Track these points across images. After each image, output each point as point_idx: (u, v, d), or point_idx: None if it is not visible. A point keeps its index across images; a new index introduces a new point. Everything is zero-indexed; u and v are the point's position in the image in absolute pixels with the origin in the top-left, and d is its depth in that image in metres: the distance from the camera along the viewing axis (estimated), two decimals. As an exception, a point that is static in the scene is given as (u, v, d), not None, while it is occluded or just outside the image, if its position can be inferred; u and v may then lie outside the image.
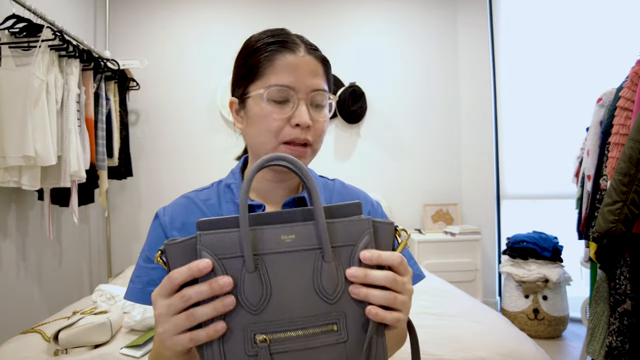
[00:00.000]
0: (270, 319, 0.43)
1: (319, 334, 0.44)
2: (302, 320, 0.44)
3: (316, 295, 0.44)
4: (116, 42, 3.13)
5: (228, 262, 0.43)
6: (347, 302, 0.45)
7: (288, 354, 0.43)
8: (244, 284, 0.43)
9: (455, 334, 1.40)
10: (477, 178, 3.35)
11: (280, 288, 0.44)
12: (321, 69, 0.68)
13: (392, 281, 0.45)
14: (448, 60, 3.43)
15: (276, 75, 0.64)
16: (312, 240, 0.45)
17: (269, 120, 0.64)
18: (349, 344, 0.45)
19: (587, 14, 2.80)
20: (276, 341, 0.43)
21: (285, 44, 0.65)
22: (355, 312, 0.45)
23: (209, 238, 0.43)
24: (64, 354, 1.33)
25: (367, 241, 0.46)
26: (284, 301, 0.44)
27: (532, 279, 2.62)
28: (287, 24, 2.94)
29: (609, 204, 1.46)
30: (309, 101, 0.65)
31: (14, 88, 1.81)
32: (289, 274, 0.44)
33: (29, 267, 2.20)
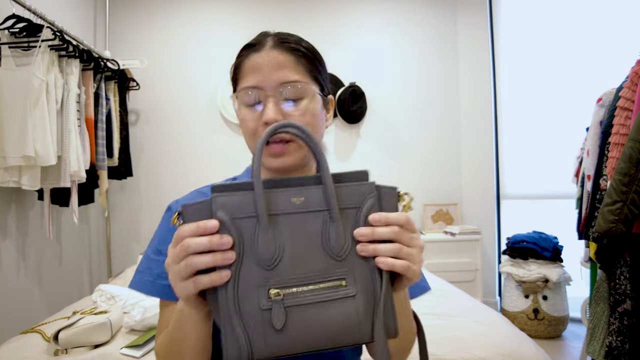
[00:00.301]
0: (282, 274, 0.46)
1: (329, 289, 0.47)
2: (313, 275, 0.46)
3: (325, 254, 0.47)
4: (116, 42, 3.13)
5: (241, 222, 0.46)
6: (354, 259, 0.48)
7: (300, 307, 0.45)
8: (258, 241, 0.46)
9: (455, 334, 1.40)
10: (477, 178, 3.35)
11: (291, 246, 0.46)
12: (290, 60, 0.64)
13: (398, 233, 0.48)
14: (448, 60, 3.43)
15: (244, 78, 0.65)
16: (321, 202, 0.48)
17: (245, 123, 0.65)
18: (358, 299, 0.47)
19: (587, 14, 2.80)
20: (289, 296, 0.45)
21: (253, 46, 0.66)
22: (363, 269, 0.48)
23: (224, 199, 0.46)
24: (64, 354, 1.33)
25: (371, 203, 0.49)
26: (295, 258, 0.46)
27: (532, 279, 2.62)
28: (287, 25, 2.94)
29: (609, 204, 1.46)
30: (279, 97, 0.63)
31: (14, 88, 1.81)
32: (299, 233, 0.47)
33: (29, 267, 2.20)
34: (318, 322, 0.46)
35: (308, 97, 0.64)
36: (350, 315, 0.46)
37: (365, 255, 0.47)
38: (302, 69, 0.65)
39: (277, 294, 0.45)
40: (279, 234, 0.46)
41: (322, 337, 0.46)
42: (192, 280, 0.45)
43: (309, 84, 0.65)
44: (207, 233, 0.44)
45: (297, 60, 0.65)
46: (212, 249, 0.44)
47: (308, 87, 0.64)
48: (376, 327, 0.47)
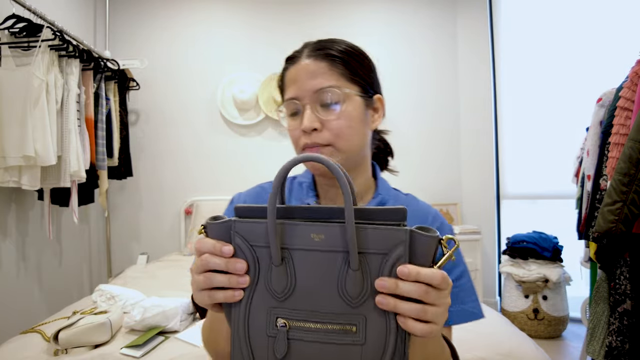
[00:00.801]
0: (292, 307, 0.45)
1: (338, 332, 0.45)
2: (323, 315, 0.45)
3: (339, 297, 0.45)
4: (116, 42, 3.13)
5: (259, 250, 0.46)
6: (369, 307, 0.44)
7: (304, 343, 0.45)
8: (271, 272, 0.46)
9: (455, 334, 1.40)
10: (477, 178, 3.35)
11: (305, 283, 0.45)
12: (324, 66, 0.67)
13: (424, 294, 0.43)
14: (448, 60, 3.43)
15: (286, 90, 0.70)
16: (343, 243, 0.44)
17: (291, 134, 0.70)
18: (366, 348, 0.44)
19: (587, 14, 2.80)
20: (295, 328, 0.45)
21: (291, 59, 0.71)
22: (377, 318, 0.44)
23: (243, 226, 0.46)
24: (64, 354, 1.33)
25: (400, 253, 0.43)
26: (307, 295, 0.45)
27: (532, 279, 2.62)
28: (287, 25, 2.94)
29: (608, 204, 1.46)
30: (315, 104, 0.66)
31: (14, 88, 1.81)
32: (314, 272, 0.45)
33: (29, 267, 2.20)
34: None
35: (344, 101, 0.66)
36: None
37: (383, 308, 0.43)
38: (336, 74, 0.67)
39: (284, 324, 0.45)
40: (293, 268, 0.45)
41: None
42: (208, 293, 0.47)
43: (343, 87, 0.66)
44: (221, 255, 0.46)
45: (331, 66, 0.67)
46: (228, 271, 0.46)
47: (342, 90, 0.66)
48: None
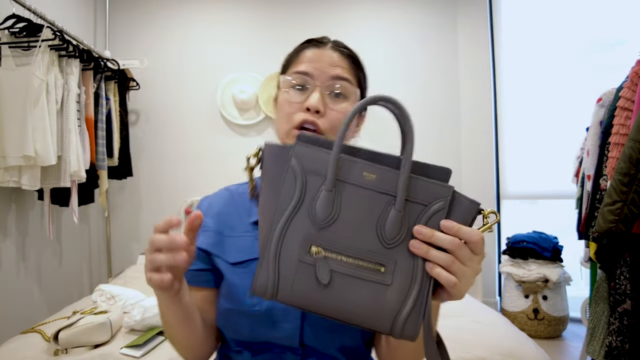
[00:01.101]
0: (329, 237, 0.47)
1: (367, 269, 0.47)
2: (357, 250, 0.47)
3: (376, 236, 0.47)
4: (116, 42, 3.12)
5: (310, 177, 0.47)
6: (401, 251, 0.47)
7: (335, 273, 0.46)
8: (318, 199, 0.47)
9: (455, 334, 1.40)
10: (477, 178, 3.35)
11: (348, 216, 0.47)
12: (346, 63, 0.71)
13: (457, 247, 0.46)
14: (448, 60, 3.43)
15: (298, 65, 0.69)
16: (391, 187, 0.47)
17: (285, 106, 0.68)
18: (390, 289, 0.47)
19: (587, 14, 2.80)
20: (328, 259, 0.46)
21: (315, 41, 0.72)
22: (407, 263, 0.47)
23: (303, 150, 0.47)
24: (64, 354, 1.33)
25: (440, 207, 0.47)
26: (347, 228, 0.47)
27: (532, 279, 2.62)
28: (287, 25, 2.94)
29: (609, 204, 1.46)
30: (325, 89, 0.67)
31: (14, 88, 1.81)
32: (359, 208, 0.47)
33: (29, 267, 2.20)
34: (344, 294, 0.46)
35: (350, 100, 0.69)
36: (378, 302, 0.47)
37: (416, 252, 0.46)
38: (353, 74, 0.71)
39: (318, 252, 0.46)
40: (340, 200, 0.47)
41: (341, 310, 0.47)
42: (150, 274, 0.51)
43: (355, 86, 0.70)
44: (172, 227, 0.51)
45: (350, 65, 0.72)
46: (171, 246, 0.50)
47: (354, 89, 0.70)
48: (424, 332, 0.48)
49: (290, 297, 0.47)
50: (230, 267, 0.69)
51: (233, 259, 0.69)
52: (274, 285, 0.47)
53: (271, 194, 0.48)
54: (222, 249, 0.70)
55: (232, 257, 0.69)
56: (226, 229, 0.71)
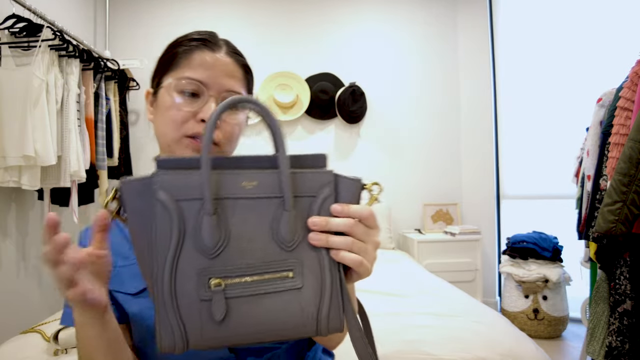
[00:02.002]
0: (226, 263, 0.43)
1: (275, 280, 0.44)
2: (259, 266, 0.44)
3: (274, 243, 0.44)
4: (116, 42, 3.13)
5: (185, 204, 0.42)
6: (304, 250, 0.45)
7: (242, 298, 0.43)
8: (201, 227, 0.42)
9: (455, 334, 1.40)
10: (477, 178, 3.35)
11: (238, 234, 0.43)
12: (240, 73, 0.67)
13: (352, 226, 0.46)
14: (448, 60, 3.43)
15: (190, 69, 0.63)
16: (274, 189, 0.45)
17: (174, 111, 0.63)
18: (304, 291, 0.45)
19: (586, 14, 2.80)
20: (231, 286, 0.43)
21: (207, 42, 0.65)
22: (312, 260, 0.46)
23: (169, 178, 0.42)
24: (64, 354, 1.33)
25: (328, 193, 0.46)
26: (241, 247, 0.43)
27: (532, 279, 2.62)
28: (287, 24, 2.94)
29: (609, 204, 1.46)
30: (219, 101, 0.63)
31: (14, 88, 1.81)
32: (247, 221, 0.44)
33: (29, 267, 2.20)
34: (260, 315, 0.43)
35: (242, 111, 0.67)
36: (296, 309, 0.45)
37: (316, 244, 0.45)
38: (244, 85, 0.68)
39: (218, 284, 0.42)
40: (225, 220, 0.43)
41: (263, 330, 0.44)
42: (67, 292, 0.43)
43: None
44: (54, 228, 0.42)
45: (243, 75, 0.68)
46: (57, 250, 0.42)
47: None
48: (348, 316, 0.47)
49: (204, 341, 0.42)
50: (133, 299, 0.64)
51: (134, 289, 0.64)
52: (182, 337, 0.42)
53: (145, 238, 0.43)
54: (119, 281, 0.64)
55: (132, 287, 0.64)
56: (119, 259, 0.64)
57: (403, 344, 1.31)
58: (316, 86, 3.21)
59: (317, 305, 0.45)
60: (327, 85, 3.22)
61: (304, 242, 0.45)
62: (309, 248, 0.46)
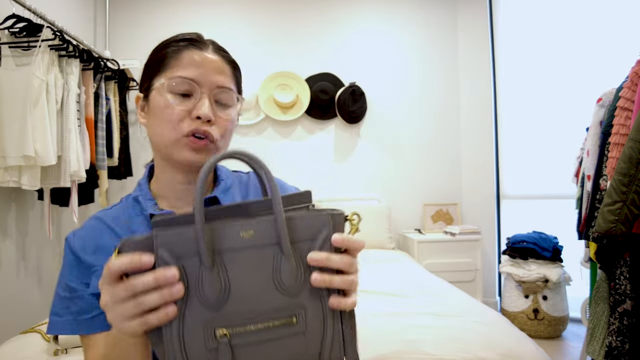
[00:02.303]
0: (230, 313, 0.43)
1: (279, 327, 0.45)
2: (262, 314, 0.44)
3: (276, 290, 0.45)
4: (116, 42, 3.13)
5: (186, 260, 0.43)
6: (306, 295, 0.46)
7: (249, 347, 0.44)
8: (202, 281, 0.43)
9: (455, 334, 1.40)
10: (477, 178, 3.35)
11: (239, 284, 0.44)
12: (228, 69, 0.69)
13: (350, 264, 0.47)
14: (448, 60, 3.43)
15: (181, 68, 0.64)
16: (271, 236, 0.45)
17: (169, 111, 0.63)
18: (308, 335, 0.46)
19: (586, 14, 2.80)
20: (236, 335, 0.43)
21: (194, 41, 0.67)
22: (315, 304, 0.46)
23: (166, 235, 0.42)
24: (64, 354, 1.33)
25: (326, 235, 0.47)
26: (244, 297, 0.44)
27: (532, 279, 2.62)
28: (287, 24, 2.94)
29: (609, 204, 1.46)
30: (212, 97, 0.65)
31: (14, 88, 1.81)
32: (248, 271, 0.44)
33: (29, 267, 2.20)
34: (265, 359, 0.45)
35: (234, 106, 0.69)
36: (299, 351, 0.45)
37: (319, 285, 0.46)
38: (233, 80, 0.70)
39: (224, 334, 0.43)
40: (226, 272, 0.44)
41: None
42: (139, 320, 0.42)
43: (236, 94, 0.69)
44: (142, 269, 0.42)
45: (231, 72, 0.70)
46: (159, 285, 0.42)
47: (237, 97, 0.69)
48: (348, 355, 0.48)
49: None
50: None
51: None
52: None
53: None
54: None
55: None
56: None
57: (403, 344, 1.31)
58: (316, 86, 3.21)
59: (319, 346, 0.46)
60: (327, 85, 3.22)
61: (306, 286, 0.46)
62: (311, 291, 0.46)
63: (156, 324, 0.42)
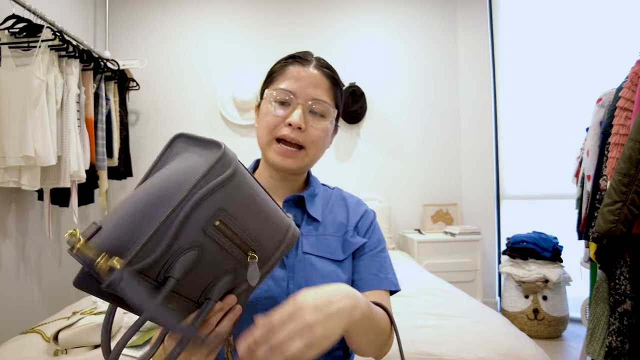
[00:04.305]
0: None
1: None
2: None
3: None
4: (116, 42, 3.13)
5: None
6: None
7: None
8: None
9: (455, 334, 1.40)
10: (477, 178, 3.35)
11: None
12: (326, 84, 0.77)
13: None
14: (448, 60, 3.43)
15: (285, 81, 0.75)
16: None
17: (268, 117, 0.74)
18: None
19: (586, 14, 2.80)
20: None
21: (299, 59, 0.78)
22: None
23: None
24: (64, 354, 1.33)
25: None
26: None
27: (532, 279, 2.62)
28: (287, 24, 2.93)
29: (608, 204, 1.46)
30: (307, 108, 0.74)
31: (14, 88, 1.81)
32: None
33: (29, 267, 2.20)
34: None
35: (328, 119, 0.77)
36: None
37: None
38: (331, 95, 0.78)
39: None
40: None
41: None
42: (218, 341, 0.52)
43: (332, 108, 0.78)
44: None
45: (330, 86, 0.78)
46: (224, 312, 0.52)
47: (331, 110, 0.77)
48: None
49: None
50: None
51: None
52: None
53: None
54: None
55: None
56: None
57: (403, 343, 1.31)
58: (316, 86, 3.20)
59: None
60: (327, 85, 3.21)
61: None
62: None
63: (232, 326, 0.53)
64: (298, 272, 0.73)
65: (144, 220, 0.41)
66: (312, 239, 0.76)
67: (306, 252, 0.75)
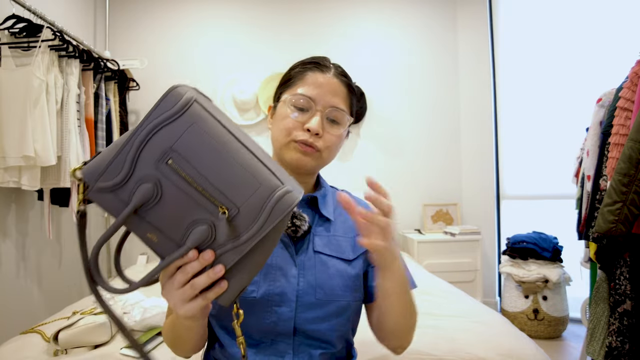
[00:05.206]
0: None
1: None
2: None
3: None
4: (116, 42, 3.13)
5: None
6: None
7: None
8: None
9: (455, 334, 1.40)
10: (477, 178, 3.35)
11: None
12: (344, 92, 0.80)
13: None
14: (448, 60, 3.43)
15: (304, 87, 0.77)
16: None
17: (286, 120, 0.76)
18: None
19: (586, 14, 2.80)
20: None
21: (318, 65, 0.80)
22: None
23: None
24: (64, 354, 1.33)
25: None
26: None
27: (532, 279, 2.62)
28: (287, 24, 2.93)
29: (608, 204, 1.46)
30: (325, 115, 0.77)
31: (14, 88, 1.81)
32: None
33: (29, 267, 2.20)
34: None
35: (344, 125, 0.80)
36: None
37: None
38: (348, 103, 0.81)
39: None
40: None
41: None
42: (199, 299, 0.51)
43: (348, 115, 0.81)
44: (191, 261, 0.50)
45: (347, 94, 0.82)
46: (203, 267, 0.50)
47: (347, 117, 0.80)
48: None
49: None
50: None
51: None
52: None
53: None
54: None
55: None
56: None
57: (403, 344, 1.31)
58: (316, 86, 3.20)
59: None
60: (327, 85, 3.21)
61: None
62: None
63: (214, 297, 0.51)
64: (308, 270, 0.75)
65: (115, 149, 0.48)
66: (324, 239, 0.80)
67: (317, 251, 0.78)
